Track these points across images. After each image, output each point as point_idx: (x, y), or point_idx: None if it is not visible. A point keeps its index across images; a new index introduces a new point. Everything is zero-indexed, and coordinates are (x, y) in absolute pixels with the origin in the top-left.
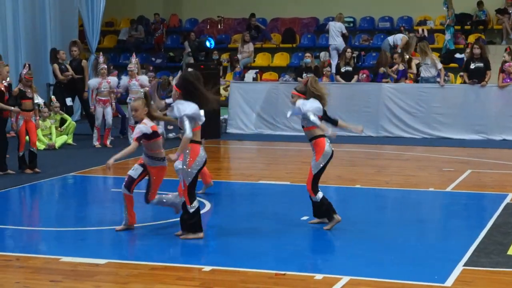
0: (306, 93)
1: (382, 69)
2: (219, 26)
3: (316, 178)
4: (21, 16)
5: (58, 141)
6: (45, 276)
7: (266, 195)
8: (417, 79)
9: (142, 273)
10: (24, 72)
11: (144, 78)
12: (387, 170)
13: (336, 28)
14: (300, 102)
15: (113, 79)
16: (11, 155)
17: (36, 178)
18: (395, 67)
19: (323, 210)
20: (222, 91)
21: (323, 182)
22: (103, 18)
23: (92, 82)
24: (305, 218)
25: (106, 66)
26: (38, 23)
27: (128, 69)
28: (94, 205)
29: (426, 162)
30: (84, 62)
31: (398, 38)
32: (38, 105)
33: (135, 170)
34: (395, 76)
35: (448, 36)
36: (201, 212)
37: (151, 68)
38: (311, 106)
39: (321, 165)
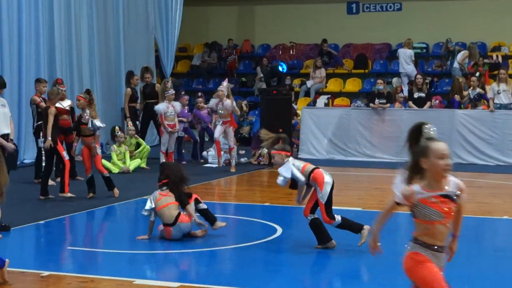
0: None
1: (457, 97)
2: (291, 51)
3: (327, 206)
4: (96, 42)
5: (132, 164)
6: None
7: None
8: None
9: None
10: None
11: (227, 103)
12: None
13: (406, 55)
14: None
15: (177, 104)
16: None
17: (110, 202)
18: (467, 91)
19: (347, 228)
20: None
21: (397, 209)
22: (177, 44)
23: (160, 107)
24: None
25: (173, 92)
26: (113, 48)
27: (219, 89)
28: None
29: (500, 190)
30: (157, 86)
31: (459, 57)
32: (96, 128)
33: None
34: (463, 101)
35: None
36: (272, 237)
37: (199, 94)
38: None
39: (328, 193)
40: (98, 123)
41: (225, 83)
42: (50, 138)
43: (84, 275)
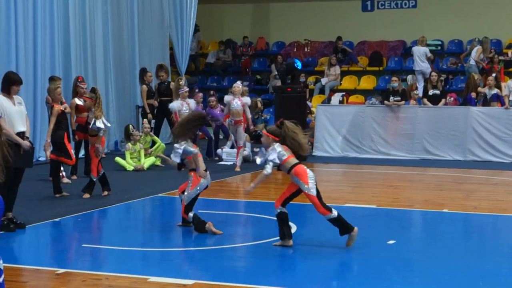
0: (280, 137)
1: (474, 94)
2: (305, 49)
3: (319, 198)
4: (110, 39)
5: (147, 162)
6: None
7: (352, 218)
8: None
9: None
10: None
11: (247, 99)
12: (475, 194)
13: (420, 53)
14: (272, 148)
15: (191, 102)
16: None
17: (124, 199)
18: (483, 89)
19: (340, 224)
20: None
21: (410, 206)
22: (192, 41)
23: (174, 105)
24: (391, 242)
25: (187, 89)
26: (127, 46)
27: (234, 85)
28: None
29: None
30: (172, 84)
31: (473, 53)
32: (99, 129)
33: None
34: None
35: None
36: None
37: (211, 92)
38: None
39: (314, 186)
40: (99, 123)
41: (239, 82)
42: (49, 140)
43: (98, 272)
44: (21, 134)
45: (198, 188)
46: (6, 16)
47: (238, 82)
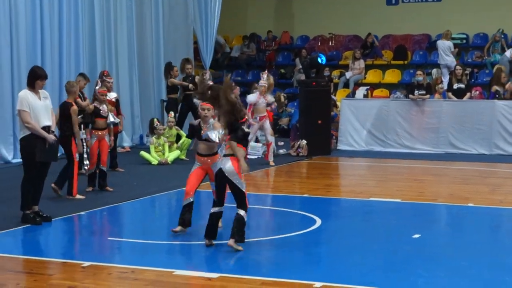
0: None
1: (494, 88)
2: (330, 43)
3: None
4: (134, 33)
5: (171, 155)
6: None
7: (377, 212)
8: None
9: None
10: (97, 88)
11: (270, 97)
12: (501, 188)
13: (445, 47)
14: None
15: None
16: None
17: (149, 193)
18: (508, 84)
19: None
20: (334, 109)
21: (435, 200)
22: (216, 35)
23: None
24: (416, 236)
25: (211, 83)
26: (152, 40)
27: (261, 84)
28: (205, 219)
29: None
30: (197, 78)
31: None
32: (114, 124)
33: None
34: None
35: None
36: (311, 228)
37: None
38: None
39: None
40: (112, 117)
41: (265, 75)
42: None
43: (124, 265)
44: (47, 128)
45: None
46: (32, 12)
47: (264, 76)
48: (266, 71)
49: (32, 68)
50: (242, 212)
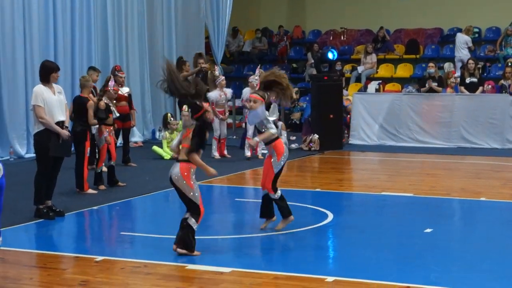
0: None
1: (501, 82)
2: (342, 37)
3: (276, 177)
4: (146, 28)
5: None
6: (172, 283)
7: (389, 206)
8: None
9: (266, 282)
10: (112, 85)
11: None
12: None
13: (462, 41)
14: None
15: (228, 91)
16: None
17: (162, 187)
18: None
19: (281, 207)
20: (345, 102)
21: (447, 194)
22: (228, 30)
23: (212, 95)
24: (428, 230)
25: (223, 77)
26: (163, 35)
27: (249, 80)
28: (218, 214)
29: None
30: (210, 73)
31: None
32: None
33: None
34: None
35: None
36: (323, 223)
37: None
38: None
39: (282, 164)
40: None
41: (257, 71)
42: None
43: (137, 260)
44: (61, 124)
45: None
46: (44, 8)
47: (257, 72)
48: (258, 67)
49: (43, 63)
50: (191, 221)
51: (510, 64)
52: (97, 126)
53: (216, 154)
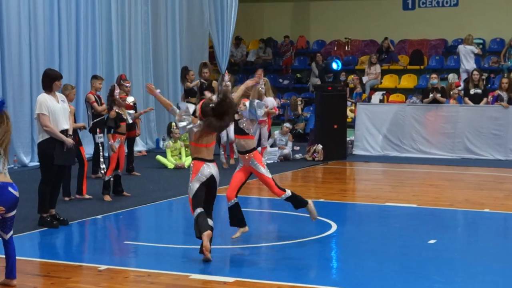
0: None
1: (497, 92)
2: (346, 47)
3: (273, 180)
4: (150, 38)
5: (188, 160)
6: None
7: (393, 217)
8: None
9: None
10: (118, 92)
11: (270, 100)
12: None
13: (466, 51)
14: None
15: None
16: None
17: (165, 197)
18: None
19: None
20: (348, 113)
21: (451, 205)
22: (232, 40)
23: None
24: (432, 241)
25: (230, 84)
26: (168, 45)
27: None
28: (223, 223)
29: None
30: (214, 82)
31: None
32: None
33: None
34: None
35: None
36: (327, 233)
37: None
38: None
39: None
40: (130, 118)
41: (226, 77)
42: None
43: (141, 269)
44: (65, 132)
45: None
46: (50, 17)
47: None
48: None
49: (46, 71)
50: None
51: (505, 75)
52: (101, 134)
53: (223, 161)
